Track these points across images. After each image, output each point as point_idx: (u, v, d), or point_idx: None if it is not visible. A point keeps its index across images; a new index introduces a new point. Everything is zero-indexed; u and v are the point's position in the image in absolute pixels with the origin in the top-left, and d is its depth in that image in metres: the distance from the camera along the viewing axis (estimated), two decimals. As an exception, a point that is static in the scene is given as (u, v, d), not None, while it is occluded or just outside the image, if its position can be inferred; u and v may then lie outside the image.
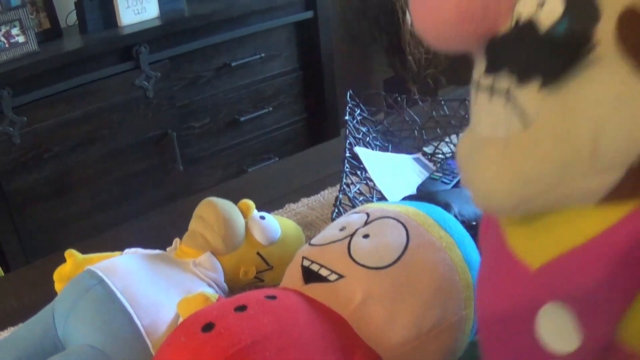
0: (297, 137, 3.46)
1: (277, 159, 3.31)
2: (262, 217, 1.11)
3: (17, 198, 2.66)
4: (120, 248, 1.11)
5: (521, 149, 0.57)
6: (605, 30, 0.52)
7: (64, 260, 1.07)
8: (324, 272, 0.86)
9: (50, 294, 1.02)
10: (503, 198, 0.59)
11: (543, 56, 0.55)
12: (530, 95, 0.56)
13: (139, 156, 2.93)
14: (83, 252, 1.10)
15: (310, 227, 1.31)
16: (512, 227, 0.65)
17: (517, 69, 0.57)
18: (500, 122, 0.60)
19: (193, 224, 1.09)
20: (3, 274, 2.57)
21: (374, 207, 0.96)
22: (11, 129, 2.56)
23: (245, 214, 1.10)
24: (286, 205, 1.42)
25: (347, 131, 1.40)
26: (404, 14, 3.63)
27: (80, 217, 2.83)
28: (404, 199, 1.18)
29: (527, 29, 0.56)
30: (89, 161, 2.80)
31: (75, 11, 2.95)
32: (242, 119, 3.21)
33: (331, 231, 0.93)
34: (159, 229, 1.42)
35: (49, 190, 2.74)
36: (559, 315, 0.57)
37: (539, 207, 0.59)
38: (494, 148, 0.60)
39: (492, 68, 0.60)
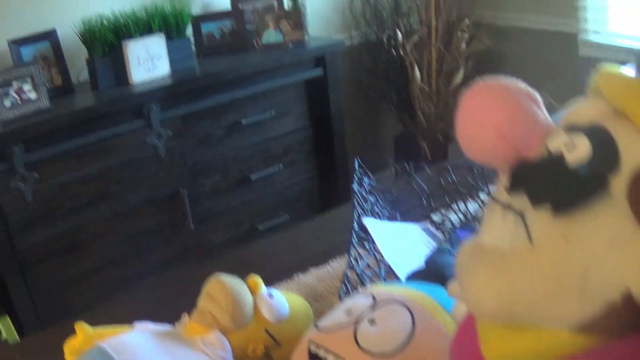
0: (308, 194, 3.46)
1: (288, 216, 3.33)
2: (271, 295, 1.12)
3: (28, 255, 2.67)
4: (130, 315, 1.12)
5: (520, 265, 0.63)
6: (620, 180, 0.60)
7: (74, 330, 1.08)
8: (330, 358, 0.87)
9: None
10: (490, 305, 0.65)
11: (561, 188, 0.62)
12: (540, 220, 0.63)
13: (150, 213, 2.94)
14: (93, 318, 1.11)
15: (318, 299, 1.31)
16: (488, 335, 0.70)
17: (534, 192, 0.64)
18: (508, 236, 0.66)
19: (202, 302, 1.10)
20: (17, 337, 2.58)
21: (381, 290, 0.97)
22: (23, 185, 2.58)
23: (253, 291, 1.11)
24: (294, 276, 1.43)
25: (355, 201, 1.41)
26: (412, 69, 3.65)
27: (92, 274, 2.83)
28: (412, 274, 1.19)
29: (555, 163, 0.64)
30: (100, 218, 2.81)
31: (87, 68, 2.97)
32: (253, 176, 3.22)
33: (338, 315, 0.94)
34: (168, 298, 1.43)
35: (60, 247, 2.74)
36: None
37: (518, 319, 0.64)
38: (492, 258, 0.66)
39: (514, 187, 0.67)
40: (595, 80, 0.69)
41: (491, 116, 0.69)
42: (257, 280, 1.13)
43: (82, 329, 1.08)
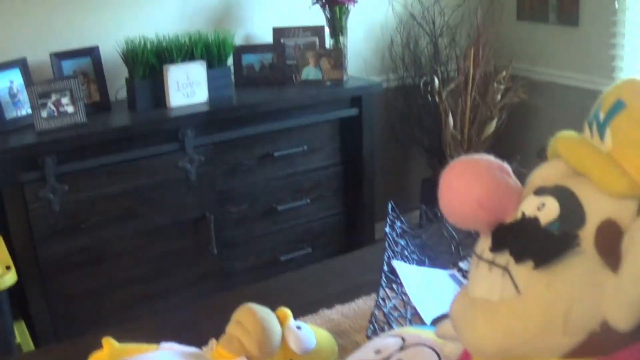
0: (332, 230, 3.47)
1: (311, 250, 3.33)
2: (299, 327, 1.13)
3: (50, 265, 2.69)
4: (154, 335, 1.13)
5: (511, 311, 0.75)
6: (588, 232, 0.72)
7: (94, 342, 1.09)
8: (358, 395, 0.88)
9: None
10: (490, 348, 0.76)
11: (539, 245, 0.74)
12: (523, 272, 0.75)
13: (175, 235, 2.96)
14: (118, 336, 1.12)
15: (342, 336, 1.32)
16: None
17: (517, 251, 0.76)
18: (496, 289, 0.77)
19: (231, 328, 1.11)
20: (31, 343, 2.60)
21: (410, 332, 0.98)
22: (52, 196, 2.60)
23: (282, 321, 1.13)
24: (320, 310, 1.43)
25: (387, 244, 1.43)
26: (447, 116, 3.67)
27: (112, 290, 2.85)
28: (438, 318, 1.20)
29: (530, 223, 0.76)
30: (125, 236, 2.83)
31: (125, 87, 3.01)
32: (280, 208, 3.24)
33: (367, 354, 0.95)
34: (193, 320, 1.44)
35: (82, 260, 2.76)
36: None
37: (514, 355, 0.75)
38: (486, 308, 0.77)
39: (496, 248, 0.79)
40: (553, 144, 0.82)
41: (471, 192, 0.81)
42: (286, 311, 1.14)
43: (109, 343, 1.09)
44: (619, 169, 0.72)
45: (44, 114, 2.67)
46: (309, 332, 1.14)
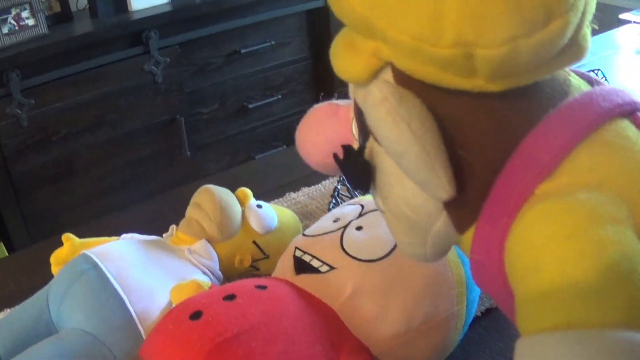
0: (305, 125, 3.38)
1: (285, 146, 3.30)
2: (259, 206, 1.11)
3: (23, 180, 2.66)
4: (120, 233, 1.11)
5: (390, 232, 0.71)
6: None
7: (62, 243, 1.07)
8: (315, 264, 0.86)
9: (48, 278, 1.02)
10: (415, 258, 0.70)
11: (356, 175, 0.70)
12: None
13: (147, 141, 2.93)
14: (82, 235, 1.10)
15: (309, 217, 1.30)
16: None
17: (350, 184, 0.73)
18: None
19: (189, 211, 1.09)
20: (7, 254, 2.58)
21: (370, 199, 0.95)
22: (19, 111, 2.56)
23: (242, 202, 1.10)
24: (287, 194, 1.41)
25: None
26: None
27: (86, 201, 2.83)
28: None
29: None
30: (96, 145, 2.80)
31: (86, -5, 2.96)
32: (251, 106, 3.20)
33: (325, 222, 0.93)
34: (159, 214, 1.42)
35: (55, 173, 2.74)
36: None
37: (437, 250, 0.68)
38: None
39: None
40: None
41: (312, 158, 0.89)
42: (246, 192, 1.12)
43: (69, 239, 1.07)
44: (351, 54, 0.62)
45: (5, 29, 2.61)
46: (270, 210, 1.11)
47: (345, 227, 0.89)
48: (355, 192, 1.21)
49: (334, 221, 0.92)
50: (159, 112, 2.91)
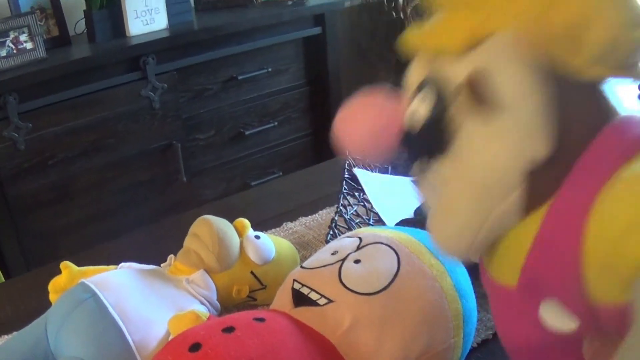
0: (301, 152, 3.45)
1: (281, 173, 3.31)
2: (257, 237, 1.12)
3: (19, 203, 2.66)
4: (117, 260, 1.12)
5: (442, 213, 0.69)
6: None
7: (60, 270, 1.07)
8: (313, 296, 0.87)
9: (46, 304, 1.02)
10: (453, 250, 0.70)
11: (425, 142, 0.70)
12: (433, 170, 0.70)
13: (143, 166, 2.93)
14: (80, 263, 1.10)
15: (306, 247, 1.31)
16: (486, 262, 0.72)
17: (413, 155, 0.73)
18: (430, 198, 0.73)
19: (188, 242, 1.10)
20: (3, 279, 2.58)
21: (367, 232, 0.96)
22: (16, 135, 2.56)
23: (240, 232, 1.11)
24: (284, 224, 1.42)
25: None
26: (412, 33, 3.63)
27: (83, 225, 2.83)
28: (400, 222, 1.18)
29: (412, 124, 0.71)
30: (93, 169, 2.80)
31: (84, 19, 2.96)
32: (247, 132, 3.21)
33: (323, 255, 0.94)
34: (156, 242, 1.42)
35: (52, 197, 2.74)
36: (553, 308, 0.64)
37: (484, 241, 0.68)
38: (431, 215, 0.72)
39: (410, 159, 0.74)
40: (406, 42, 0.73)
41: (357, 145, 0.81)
42: (244, 222, 1.12)
43: (68, 267, 1.08)
44: (452, 27, 0.66)
45: (3, 52, 2.62)
46: (268, 241, 1.12)
47: (343, 260, 0.90)
48: (353, 227, 1.22)
49: (332, 254, 0.92)
50: (155, 137, 2.91)
